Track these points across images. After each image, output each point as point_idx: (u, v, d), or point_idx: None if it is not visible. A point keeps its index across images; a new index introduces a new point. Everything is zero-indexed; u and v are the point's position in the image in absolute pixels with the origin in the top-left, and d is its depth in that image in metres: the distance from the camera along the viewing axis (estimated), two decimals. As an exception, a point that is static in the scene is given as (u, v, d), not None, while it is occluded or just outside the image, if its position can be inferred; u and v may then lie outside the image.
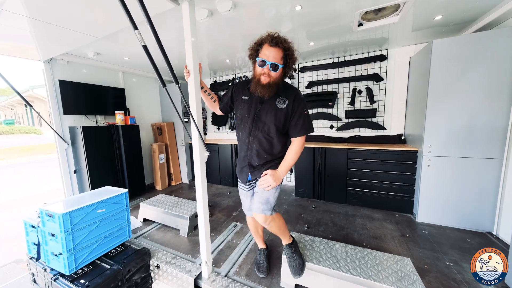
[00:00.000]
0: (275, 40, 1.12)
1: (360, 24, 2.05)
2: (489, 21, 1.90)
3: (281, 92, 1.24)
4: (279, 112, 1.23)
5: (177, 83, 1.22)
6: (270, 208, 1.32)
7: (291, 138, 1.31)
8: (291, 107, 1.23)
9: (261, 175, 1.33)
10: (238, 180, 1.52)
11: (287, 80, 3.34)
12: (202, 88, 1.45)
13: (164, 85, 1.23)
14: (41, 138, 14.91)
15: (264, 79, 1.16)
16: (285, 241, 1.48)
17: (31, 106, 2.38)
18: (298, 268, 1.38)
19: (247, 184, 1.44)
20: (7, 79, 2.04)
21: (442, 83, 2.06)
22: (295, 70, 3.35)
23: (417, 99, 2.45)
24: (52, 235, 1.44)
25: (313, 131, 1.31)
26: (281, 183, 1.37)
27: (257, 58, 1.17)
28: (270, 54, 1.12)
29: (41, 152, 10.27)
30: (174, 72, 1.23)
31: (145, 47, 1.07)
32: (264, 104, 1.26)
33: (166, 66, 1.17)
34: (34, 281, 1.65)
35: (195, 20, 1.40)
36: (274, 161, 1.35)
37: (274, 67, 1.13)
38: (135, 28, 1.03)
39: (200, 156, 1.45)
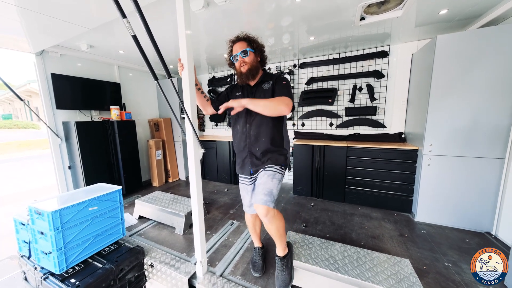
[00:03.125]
0: (236, 38, 1.38)
1: (362, 18, 1.98)
2: (495, 16, 1.84)
3: (266, 78, 1.40)
4: (266, 92, 1.36)
5: (170, 76, 1.16)
6: (272, 200, 1.29)
7: None
8: (275, 83, 1.37)
9: (264, 168, 1.37)
10: (240, 176, 1.53)
11: (287, 76, 3.28)
12: (196, 85, 1.41)
13: (156, 79, 1.18)
14: (39, 133, 14.79)
15: (243, 68, 1.34)
16: (280, 251, 1.41)
17: (22, 100, 2.32)
18: (284, 285, 1.34)
19: (249, 178, 1.46)
20: (1, 75, 1.98)
21: (445, 81, 2.00)
22: (294, 66, 3.28)
23: (418, 97, 2.40)
24: (42, 233, 1.40)
25: (292, 100, 1.30)
26: (283, 175, 1.40)
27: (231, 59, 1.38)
28: (236, 47, 1.35)
29: (38, 147, 10.20)
30: (167, 66, 1.17)
31: (134, 37, 1.01)
32: (255, 92, 1.39)
33: (161, 62, 1.11)
34: (26, 279, 1.62)
35: (190, 10, 1.34)
36: (273, 150, 1.38)
37: (243, 53, 1.32)
38: (124, 16, 0.97)
39: (195, 154, 1.40)
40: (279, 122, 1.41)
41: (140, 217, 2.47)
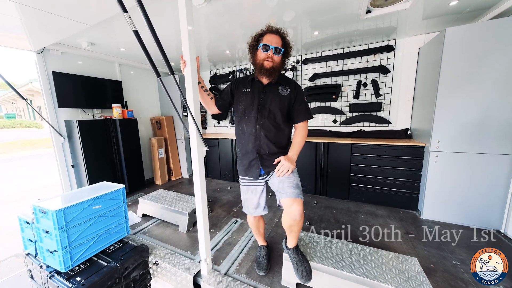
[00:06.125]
0: (275, 29, 1.28)
1: (368, 11, 1.92)
2: (508, 6, 1.77)
3: (282, 81, 1.34)
4: (283, 98, 1.31)
5: (172, 72, 1.14)
6: (302, 193, 1.27)
7: (295, 125, 1.38)
8: (293, 93, 1.33)
9: (274, 164, 1.32)
10: (244, 178, 1.43)
11: (289, 72, 3.23)
12: (199, 83, 1.37)
13: (158, 75, 1.15)
14: (42, 132, 14.92)
15: (267, 63, 1.24)
16: (294, 243, 1.37)
17: (24, 99, 2.31)
18: (308, 272, 1.30)
19: (259, 178, 1.39)
20: (3, 74, 1.97)
21: (454, 75, 1.95)
22: (297, 62, 3.23)
23: (426, 92, 2.34)
24: (47, 232, 1.40)
25: (312, 118, 1.39)
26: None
27: (260, 45, 1.26)
28: (272, 39, 1.24)
29: (42, 146, 10.29)
30: (170, 62, 1.14)
31: (136, 32, 0.98)
32: (267, 93, 1.32)
33: (163, 58, 1.08)
34: (32, 277, 1.63)
35: (192, 5, 1.30)
36: (282, 152, 1.35)
37: (277, 51, 1.24)
38: (125, 11, 0.94)
39: (198, 151, 1.38)
40: (288, 124, 1.38)
41: (144, 215, 2.47)
